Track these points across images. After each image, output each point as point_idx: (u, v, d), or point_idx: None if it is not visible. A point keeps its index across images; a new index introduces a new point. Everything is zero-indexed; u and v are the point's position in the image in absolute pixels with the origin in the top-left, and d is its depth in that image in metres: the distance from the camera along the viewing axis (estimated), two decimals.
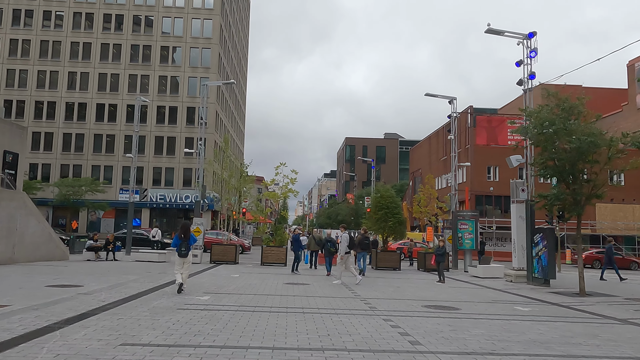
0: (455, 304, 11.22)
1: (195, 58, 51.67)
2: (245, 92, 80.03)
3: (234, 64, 64.49)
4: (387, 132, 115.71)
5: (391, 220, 22.70)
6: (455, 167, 26.21)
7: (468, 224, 23.05)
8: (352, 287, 14.26)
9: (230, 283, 13.96)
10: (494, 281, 18.32)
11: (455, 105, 26.29)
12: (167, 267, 19.00)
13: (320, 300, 10.93)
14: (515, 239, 18.36)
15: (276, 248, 22.57)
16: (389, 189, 24.05)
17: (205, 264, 21.36)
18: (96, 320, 7.51)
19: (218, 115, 52.76)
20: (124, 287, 11.85)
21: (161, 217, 50.38)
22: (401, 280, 17.66)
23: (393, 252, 23.60)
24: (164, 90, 51.22)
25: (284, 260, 22.28)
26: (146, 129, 50.27)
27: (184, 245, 11.12)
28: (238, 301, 10.28)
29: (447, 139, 26.48)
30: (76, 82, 50.68)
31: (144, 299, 9.97)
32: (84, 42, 51.07)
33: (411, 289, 14.56)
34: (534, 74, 17.92)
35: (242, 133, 77.21)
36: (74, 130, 50.21)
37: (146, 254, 22.20)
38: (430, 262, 18.33)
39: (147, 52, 51.58)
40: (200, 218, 23.54)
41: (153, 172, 50.33)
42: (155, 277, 14.89)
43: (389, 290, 13.91)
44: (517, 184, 18.46)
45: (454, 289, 15.16)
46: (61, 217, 49.50)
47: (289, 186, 23.58)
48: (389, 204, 23.22)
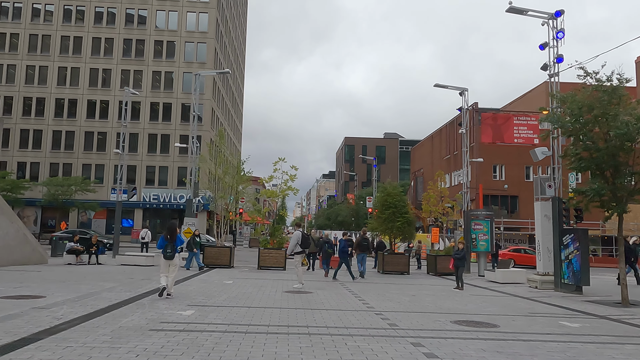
0: (490, 319, 9.38)
1: (191, 53, 49.81)
2: (242, 90, 78.18)
3: (231, 60, 62.64)
4: (387, 132, 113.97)
5: (399, 220, 20.86)
6: (467, 163, 24.41)
7: (483, 224, 21.21)
8: (361, 294, 12.43)
9: (222, 292, 12.10)
10: (517, 287, 16.49)
11: (467, 97, 24.50)
12: (153, 272, 17.13)
13: (328, 315, 9.08)
14: (539, 241, 16.54)
15: (274, 250, 20.72)
16: (396, 187, 22.22)
17: (196, 269, 19.52)
18: (34, 350, 5.64)
19: (214, 112, 50.88)
20: (94, 299, 9.98)
21: (155, 217, 48.43)
22: (414, 286, 15.81)
23: (401, 255, 21.77)
24: (158, 86, 49.34)
25: (283, 264, 20.44)
26: (139, 126, 48.38)
27: (169, 246, 10.50)
28: (228, 317, 8.42)
29: (458, 133, 24.77)
30: (66, 77, 48.75)
31: (113, 315, 8.11)
32: (75, 36, 49.14)
33: (429, 297, 12.72)
34: (562, 57, 16.09)
35: (239, 132, 75.32)
36: (64, 128, 48.27)
37: (133, 258, 20.32)
38: (449, 266, 16.48)
39: (140, 46, 49.69)
40: (192, 218, 21.69)
41: (146, 171, 48.41)
42: (136, 284, 13.02)
43: (405, 299, 12.06)
44: (542, 180, 16.64)
45: (477, 297, 13.33)
46: (50, 218, 47.57)
47: (288, 183, 21.75)
48: (397, 202, 21.38)
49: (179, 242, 10.75)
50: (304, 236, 13.71)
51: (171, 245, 10.51)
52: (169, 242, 10.51)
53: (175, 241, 10.60)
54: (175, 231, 10.76)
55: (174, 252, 10.52)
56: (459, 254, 15.59)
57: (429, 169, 61.98)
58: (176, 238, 10.66)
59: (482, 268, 21.11)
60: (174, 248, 10.54)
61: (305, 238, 13.68)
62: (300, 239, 13.64)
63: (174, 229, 10.83)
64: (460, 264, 15.49)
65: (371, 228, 21.68)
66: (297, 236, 13.73)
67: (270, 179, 21.78)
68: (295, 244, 13.64)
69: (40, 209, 46.53)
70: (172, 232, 10.63)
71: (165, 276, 10.44)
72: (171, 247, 10.49)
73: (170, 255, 10.46)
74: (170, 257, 10.46)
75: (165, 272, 10.49)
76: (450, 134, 57.16)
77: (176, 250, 10.62)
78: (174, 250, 10.51)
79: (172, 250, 10.48)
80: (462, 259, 15.58)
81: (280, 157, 21.69)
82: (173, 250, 10.50)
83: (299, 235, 13.71)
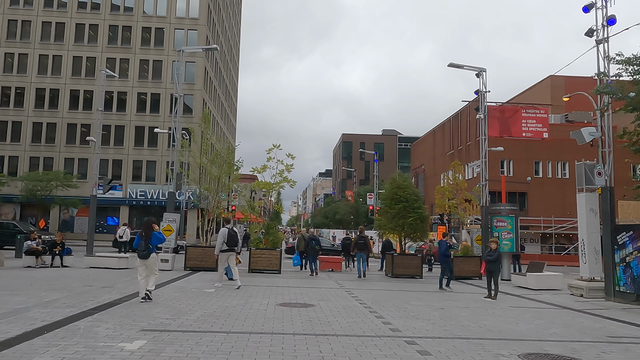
0: (569, 350, 6.64)
1: (180, 40, 46.83)
2: (237, 83, 75.27)
3: (224, 50, 59.74)
4: (386, 129, 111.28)
5: (411, 216, 18.12)
6: (485, 153, 21.69)
7: (507, 221, 18.49)
8: (376, 307, 9.70)
9: (197, 305, 9.33)
10: (556, 295, 13.80)
11: (485, 78, 21.77)
12: (124, 276, 14.35)
13: (341, 347, 6.32)
14: (584, 240, 13.84)
15: (268, 251, 17.96)
16: (407, 178, 19.49)
17: (177, 271, 16.76)
18: None
19: (205, 104, 47.98)
20: (12, 320, 7.19)
21: (142, 214, 45.37)
22: (435, 295, 13.08)
23: (413, 256, 19.02)
24: (146, 75, 46.38)
25: (278, 267, 17.70)
26: (125, 118, 45.47)
27: (143, 245, 9.73)
28: (192, 354, 5.65)
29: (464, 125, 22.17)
30: (48, 66, 45.66)
31: (13, 354, 5.32)
32: (57, 22, 46.05)
33: (463, 312, 9.99)
34: (614, 18, 13.34)
35: (233, 127, 72.40)
36: (45, 119, 45.22)
37: (104, 259, 17.50)
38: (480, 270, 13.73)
39: (127, 33, 46.71)
40: (173, 214, 18.92)
41: (133, 166, 45.45)
42: (88, 295, 10.23)
43: (434, 315, 9.32)
44: (587, 167, 13.93)
45: (519, 311, 10.60)
46: (31, 216, 44.52)
47: (284, 174, 18.97)
48: (408, 196, 18.64)
49: (155, 240, 9.84)
50: (230, 234, 12.44)
51: (145, 243, 9.70)
52: (143, 239, 9.72)
53: (151, 239, 9.75)
54: (151, 228, 9.91)
55: (149, 250, 9.69)
56: (491, 255, 12.86)
57: (431, 166, 59.33)
58: (152, 235, 9.79)
59: (507, 271, 18.41)
60: (149, 247, 9.72)
61: (232, 236, 12.43)
62: (226, 236, 12.41)
63: (149, 225, 9.98)
64: (494, 268, 12.78)
65: (378, 225, 18.94)
66: (223, 234, 12.45)
67: (263, 169, 18.97)
68: (222, 242, 12.45)
69: (20, 205, 43.51)
70: (147, 228, 9.86)
71: (144, 280, 9.67)
72: (145, 246, 9.68)
73: (144, 254, 9.66)
74: (144, 256, 9.65)
75: (142, 275, 9.67)
76: (454, 128, 54.50)
77: (151, 250, 9.75)
78: (148, 249, 9.68)
79: (147, 249, 9.67)
80: (496, 261, 12.86)
81: (274, 144, 18.93)
82: (147, 248, 9.68)
83: (225, 233, 12.41)
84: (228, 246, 12.41)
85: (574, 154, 46.57)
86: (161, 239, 10.02)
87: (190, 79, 46.48)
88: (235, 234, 12.47)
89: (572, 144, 47.64)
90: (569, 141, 47.94)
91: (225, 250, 12.43)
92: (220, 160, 19.96)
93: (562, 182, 44.74)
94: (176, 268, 17.71)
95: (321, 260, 20.20)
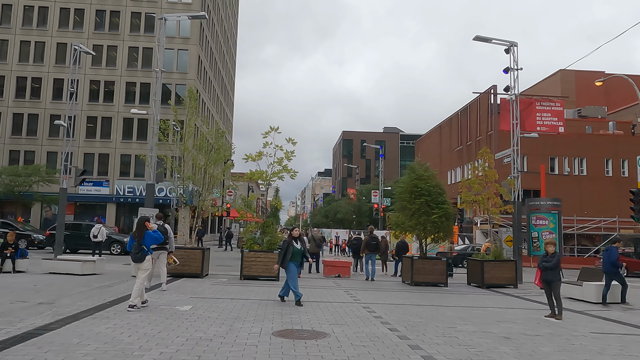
0: None
1: (172, 27, 43.83)
2: (233, 78, 72.23)
3: (220, 40, 56.68)
4: (387, 126, 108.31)
5: (435, 212, 15.13)
6: (517, 140, 18.73)
7: (548, 219, 15.52)
8: (414, 336, 6.73)
9: (158, 336, 6.32)
10: (636, 314, 10.83)
11: (516, 54, 18.84)
12: (80, 285, 11.35)
13: None
14: None
15: (264, 254, 14.96)
16: (428, 168, 16.49)
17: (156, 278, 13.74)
18: None
19: (199, 95, 44.93)
20: None
21: (130, 213, 42.39)
22: (480, 312, 10.10)
23: (437, 260, 16.02)
24: (135, 64, 43.33)
25: (276, 272, 14.72)
26: (113, 109, 42.44)
27: (136, 246, 8.67)
28: None
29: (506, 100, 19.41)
30: (30, 53, 42.60)
31: None
32: (40, 6, 42.96)
33: (539, 344, 6.99)
34: None
35: (230, 123, 69.31)
36: (26, 110, 42.12)
37: (66, 263, 14.46)
38: (534, 282, 10.67)
39: (115, 19, 43.66)
40: (150, 208, 15.95)
41: (121, 161, 42.39)
42: (8, 317, 7.22)
43: (506, 353, 6.33)
44: None
45: (613, 339, 7.62)
46: (10, 214, 41.40)
47: (284, 162, 15.95)
48: (431, 188, 15.65)
49: (149, 240, 8.75)
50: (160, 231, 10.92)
51: (138, 244, 8.67)
52: (136, 240, 8.71)
53: (144, 239, 8.68)
54: (144, 227, 8.77)
55: (143, 253, 8.67)
56: (548, 261, 9.89)
57: (437, 163, 56.27)
58: (145, 235, 8.69)
59: None
60: (142, 248, 8.68)
61: (162, 233, 10.89)
62: None
63: (142, 224, 8.85)
64: (552, 278, 9.82)
65: (395, 224, 15.93)
66: None
67: (259, 156, 15.93)
68: None
69: None
70: (139, 228, 8.80)
71: (140, 285, 8.57)
72: (138, 247, 8.67)
73: (138, 256, 8.66)
74: (138, 259, 8.67)
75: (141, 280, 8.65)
76: (462, 122, 51.57)
77: (145, 251, 8.69)
78: (142, 251, 8.67)
79: (140, 251, 8.66)
80: (555, 269, 9.90)
81: (272, 126, 15.89)
82: (141, 250, 8.66)
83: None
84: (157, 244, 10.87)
85: (591, 150, 43.87)
86: (157, 239, 8.86)
87: (183, 68, 43.53)
88: (165, 231, 11.25)
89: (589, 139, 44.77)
90: (585, 136, 45.32)
91: (154, 248, 10.88)
92: (208, 147, 16.94)
93: (578, 180, 41.86)
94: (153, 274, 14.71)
95: (327, 264, 17.24)
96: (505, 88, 19.08)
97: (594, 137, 44.42)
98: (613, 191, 41.48)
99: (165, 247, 11.40)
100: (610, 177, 43.06)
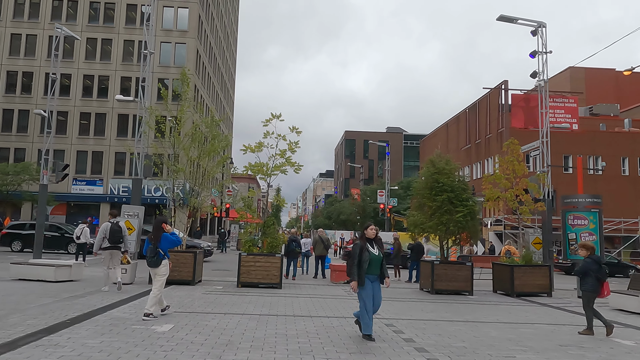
0: None
1: (169, 19, 42.07)
2: (234, 75, 70.44)
3: (219, 35, 54.88)
4: (390, 126, 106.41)
5: (460, 210, 13.28)
6: (547, 132, 16.83)
7: (587, 219, 13.62)
8: None
9: None
10: None
11: (544, 35, 16.96)
12: (43, 296, 9.50)
13: None
14: None
15: (264, 257, 13.10)
16: (450, 160, 14.62)
17: (139, 286, 11.97)
18: None
19: (197, 91, 43.14)
20: None
21: None
22: (528, 330, 8.23)
23: (460, 265, 14.13)
24: (130, 58, 41.49)
25: (278, 279, 12.93)
26: (107, 105, 40.59)
27: (151, 250, 7.78)
28: None
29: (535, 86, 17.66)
30: (20, 46, 40.80)
31: None
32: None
33: None
34: None
35: (230, 121, 67.45)
36: (16, 106, 40.31)
37: (37, 269, 12.59)
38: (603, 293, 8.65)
39: (109, 11, 41.88)
40: (135, 206, 14.13)
41: (115, 159, 40.53)
42: None
43: None
44: None
45: None
46: (0, 214, 39.64)
47: (287, 154, 14.09)
48: (454, 184, 13.82)
49: (166, 244, 7.86)
50: (113, 229, 10.95)
51: (154, 247, 7.76)
52: (152, 243, 7.82)
53: (160, 242, 7.79)
54: (160, 229, 7.88)
55: (158, 257, 7.77)
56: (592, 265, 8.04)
57: None
58: (161, 238, 7.79)
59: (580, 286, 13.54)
60: (158, 252, 7.75)
61: (115, 231, 10.94)
62: (108, 232, 10.88)
63: (158, 225, 7.97)
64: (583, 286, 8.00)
65: (413, 224, 14.04)
66: (105, 228, 10.98)
67: (259, 147, 14.05)
68: (102, 238, 10.91)
69: None
70: (155, 230, 7.90)
71: (157, 293, 7.70)
72: (154, 251, 7.75)
73: (153, 260, 7.77)
74: (153, 263, 7.79)
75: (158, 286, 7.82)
76: (471, 120, 49.71)
77: (161, 255, 7.78)
78: (158, 255, 7.75)
79: (156, 255, 7.75)
80: (584, 277, 8.10)
81: (273, 113, 14.02)
82: (157, 254, 7.75)
83: (107, 228, 10.94)
84: (110, 243, 10.84)
85: (607, 148, 42.00)
86: (174, 242, 7.96)
87: (180, 62, 41.61)
88: (119, 230, 10.91)
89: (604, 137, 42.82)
90: (601, 134, 43.43)
91: (107, 247, 10.86)
92: (201, 135, 15.10)
93: (594, 179, 39.97)
94: (139, 281, 12.90)
95: (335, 269, 15.37)
96: (532, 74, 17.17)
97: (609, 135, 42.60)
98: (631, 191, 39.64)
99: (119, 245, 10.96)
100: (627, 177, 41.27)
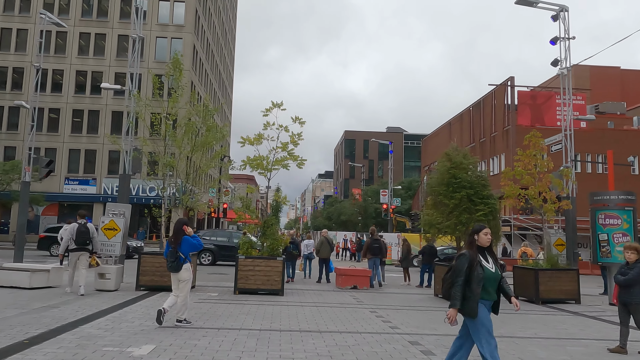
0: None
1: (165, 13, 40.80)
2: (232, 73, 69.15)
3: (217, 32, 53.60)
4: (390, 126, 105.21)
5: (480, 208, 12.02)
6: (570, 123, 15.61)
7: (620, 218, 12.37)
8: None
9: None
10: None
11: (567, 20, 15.72)
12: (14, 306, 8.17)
13: None
14: None
15: (264, 261, 11.80)
16: (468, 154, 13.36)
17: (125, 293, 10.73)
18: None
19: (194, 87, 41.83)
20: None
21: None
22: (576, 348, 6.99)
23: None
24: (125, 54, 40.14)
25: (279, 284, 11.65)
26: (101, 102, 39.28)
27: (172, 254, 7.41)
28: None
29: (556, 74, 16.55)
30: (11, 41, 39.51)
31: None
32: None
33: None
34: None
35: (228, 120, 66.15)
36: (6, 103, 38.90)
37: (10, 274, 11.27)
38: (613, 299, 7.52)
39: (103, 5, 40.61)
40: (121, 205, 12.87)
41: (109, 157, 39.20)
42: None
43: None
44: None
45: None
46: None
47: (289, 147, 12.80)
48: (473, 179, 12.56)
49: (186, 247, 7.40)
50: (80, 230, 10.56)
51: (175, 250, 7.35)
52: (172, 246, 7.42)
53: (180, 245, 7.37)
54: (181, 231, 7.44)
55: (179, 261, 7.34)
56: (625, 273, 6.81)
57: None
58: (181, 241, 7.38)
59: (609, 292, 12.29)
60: (178, 256, 7.33)
61: (82, 232, 10.53)
62: (74, 233, 10.52)
63: (179, 228, 7.47)
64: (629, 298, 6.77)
65: (429, 223, 12.77)
66: (72, 229, 10.60)
67: (258, 139, 12.76)
68: (69, 239, 10.58)
69: None
70: (175, 232, 7.48)
71: (175, 295, 7.43)
72: (174, 255, 7.34)
73: (174, 265, 7.36)
74: (174, 268, 7.38)
75: (175, 289, 7.47)
76: (475, 118, 48.51)
77: (182, 259, 7.36)
78: (178, 259, 7.33)
79: (176, 259, 7.33)
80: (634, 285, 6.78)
81: (274, 102, 12.72)
82: (177, 258, 7.33)
83: (74, 229, 10.56)
84: (76, 245, 10.53)
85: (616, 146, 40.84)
86: (195, 245, 7.52)
87: None
88: (86, 231, 10.55)
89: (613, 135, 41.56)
90: (610, 132, 42.22)
91: (74, 249, 10.58)
92: (193, 129, 13.83)
93: (603, 178, 38.79)
94: (125, 287, 11.63)
95: (341, 273, 14.07)
96: (554, 62, 15.92)
97: (618, 133, 41.46)
98: None
99: (87, 247, 10.60)
100: (637, 175, 40.18)
